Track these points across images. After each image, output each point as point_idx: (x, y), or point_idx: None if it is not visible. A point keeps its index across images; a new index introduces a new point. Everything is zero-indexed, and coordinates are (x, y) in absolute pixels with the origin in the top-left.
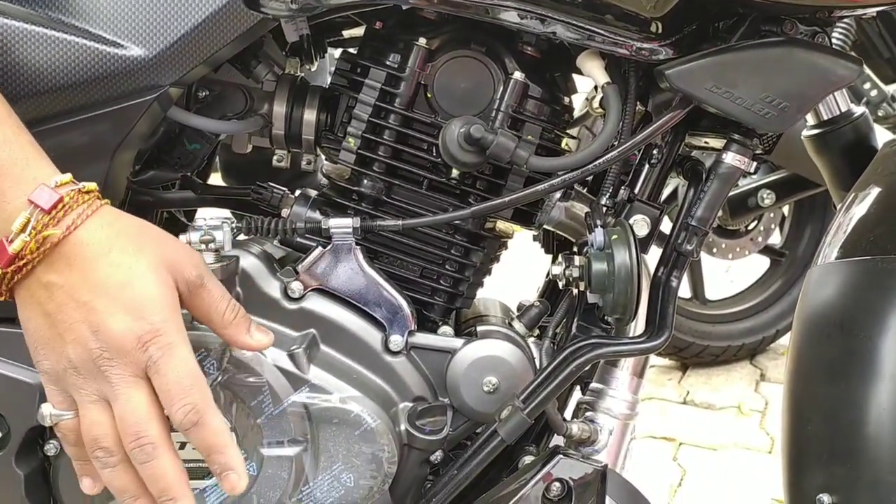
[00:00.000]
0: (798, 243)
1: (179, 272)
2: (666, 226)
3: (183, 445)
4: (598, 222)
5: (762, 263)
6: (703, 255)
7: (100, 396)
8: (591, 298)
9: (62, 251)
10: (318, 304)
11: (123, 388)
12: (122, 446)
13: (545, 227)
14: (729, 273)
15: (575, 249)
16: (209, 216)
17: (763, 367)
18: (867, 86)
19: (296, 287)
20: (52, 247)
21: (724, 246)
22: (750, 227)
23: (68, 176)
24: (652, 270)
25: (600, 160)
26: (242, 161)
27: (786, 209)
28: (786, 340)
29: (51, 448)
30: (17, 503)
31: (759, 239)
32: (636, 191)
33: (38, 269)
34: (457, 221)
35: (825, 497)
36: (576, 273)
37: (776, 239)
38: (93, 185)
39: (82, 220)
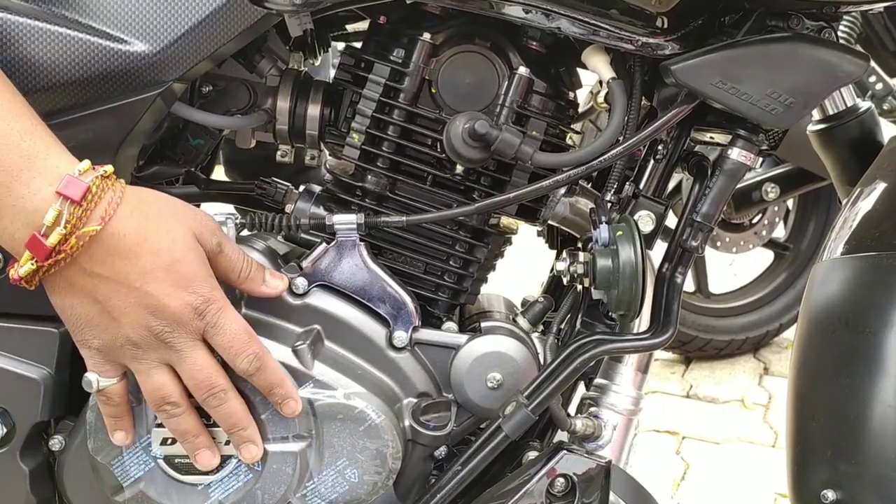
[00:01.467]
0: (802, 237)
1: (204, 240)
2: (670, 220)
3: None
4: (603, 218)
5: (766, 257)
6: (707, 249)
7: (161, 362)
8: (596, 294)
9: (101, 243)
10: (322, 300)
11: (188, 352)
12: (186, 399)
13: (549, 222)
14: (733, 266)
15: (579, 245)
16: (213, 212)
17: (767, 360)
18: (872, 79)
19: (300, 283)
20: (91, 240)
21: (728, 239)
22: (754, 221)
23: (87, 163)
24: (656, 266)
25: (605, 156)
26: (245, 156)
27: (790, 203)
28: (789, 334)
29: (55, 443)
30: (23, 498)
31: (764, 232)
32: (641, 186)
33: (80, 260)
34: (461, 217)
35: (830, 493)
36: (580, 269)
37: (780, 232)
38: (110, 168)
39: (113, 209)
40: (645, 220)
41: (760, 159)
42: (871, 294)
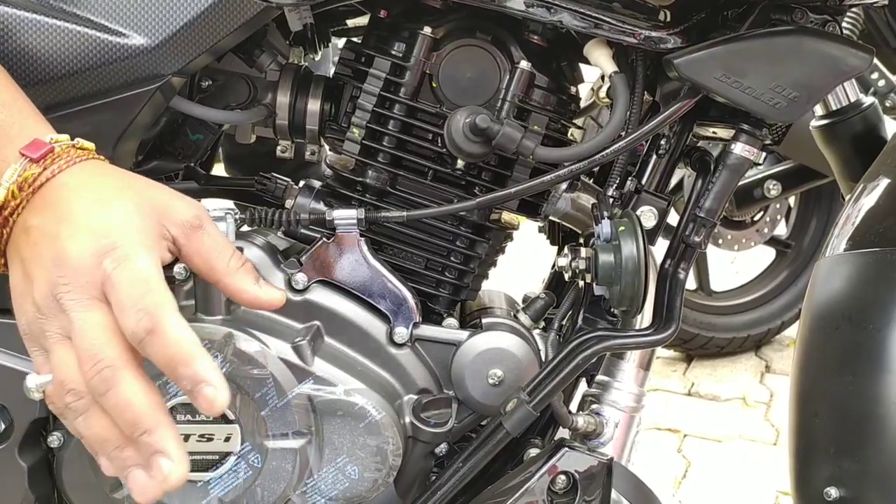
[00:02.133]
0: (804, 234)
1: (170, 216)
2: (672, 218)
3: (187, 438)
4: (605, 213)
5: (767, 255)
6: (709, 246)
7: (63, 334)
8: (598, 290)
9: (44, 194)
10: (323, 296)
11: (79, 313)
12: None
13: (551, 218)
14: (734, 264)
15: (581, 241)
16: (213, 207)
17: (768, 358)
18: (874, 76)
19: (300, 278)
20: (35, 191)
21: (729, 237)
22: (756, 218)
23: (66, 136)
24: (658, 262)
25: (608, 150)
26: (245, 152)
27: (792, 200)
28: (791, 332)
29: (54, 440)
30: (21, 495)
31: (765, 230)
32: (643, 182)
33: (23, 215)
34: (462, 212)
35: (833, 490)
36: (582, 265)
37: (782, 230)
38: (90, 145)
39: (68, 165)
40: (647, 216)
41: (764, 154)
42: (874, 290)
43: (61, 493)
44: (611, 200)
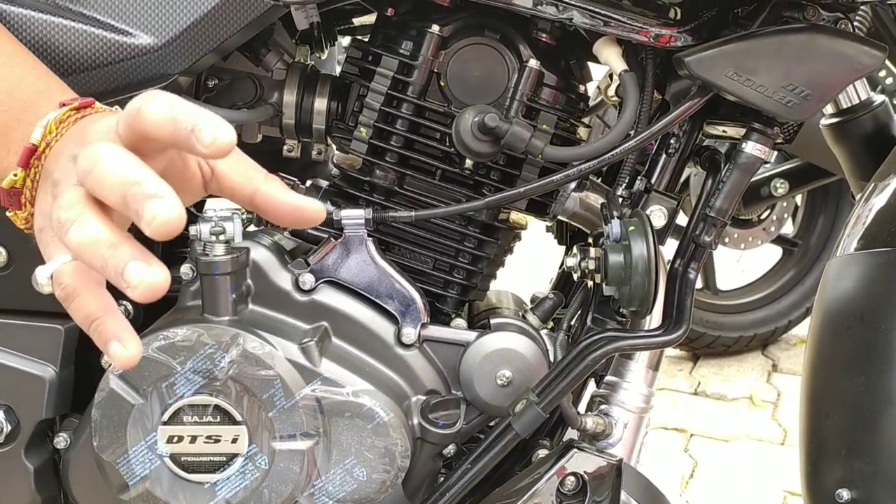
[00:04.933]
0: (811, 233)
1: None
2: (680, 218)
3: (194, 440)
4: (615, 213)
5: (773, 254)
6: (717, 249)
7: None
8: (607, 291)
9: (78, 125)
10: (330, 297)
11: (64, 188)
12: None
13: (560, 218)
14: (740, 263)
15: (590, 241)
16: (220, 207)
17: (775, 357)
18: (882, 73)
19: (307, 279)
20: (70, 125)
21: (736, 236)
22: (763, 217)
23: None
24: (667, 262)
25: (617, 150)
26: (252, 151)
27: (799, 199)
28: (798, 331)
29: (60, 441)
30: (27, 497)
31: (772, 228)
32: (653, 181)
33: (54, 147)
34: (470, 212)
35: (844, 492)
36: (591, 265)
37: (789, 229)
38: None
39: (104, 107)
40: (657, 215)
41: (775, 153)
42: (886, 290)
43: (68, 494)
44: (620, 200)
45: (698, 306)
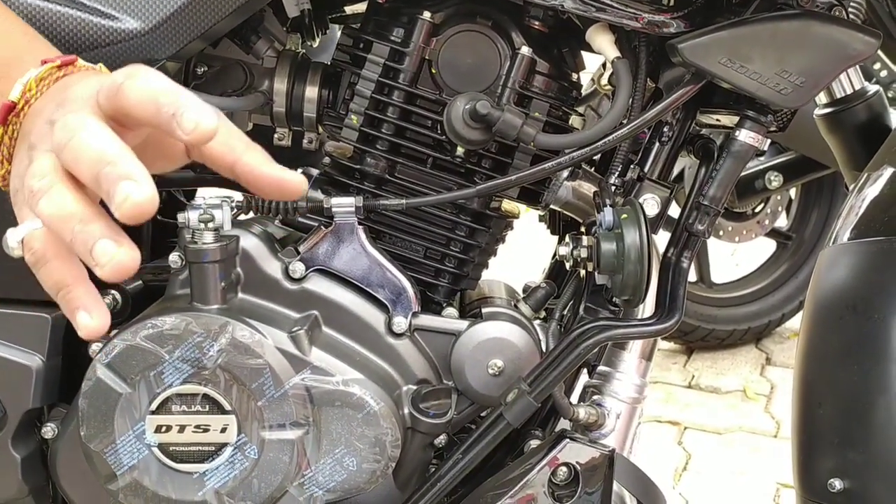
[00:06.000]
0: (805, 226)
1: None
2: (673, 210)
3: (182, 429)
4: (607, 201)
5: (767, 247)
6: (710, 238)
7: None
8: (600, 279)
9: (59, 84)
10: (320, 285)
11: (37, 154)
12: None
13: (552, 207)
14: (734, 256)
15: (583, 230)
16: (209, 195)
17: (769, 350)
18: (877, 66)
19: (297, 267)
20: (49, 85)
21: (730, 229)
22: (757, 210)
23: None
24: (660, 253)
25: (610, 137)
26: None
27: (793, 192)
28: (791, 324)
29: (48, 431)
30: (14, 486)
31: (766, 222)
32: (646, 169)
33: (33, 105)
34: (462, 201)
35: (837, 482)
36: (584, 253)
37: (783, 222)
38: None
39: (85, 67)
40: (650, 204)
41: (768, 141)
42: (880, 279)
43: (55, 484)
44: (613, 188)
45: (692, 299)
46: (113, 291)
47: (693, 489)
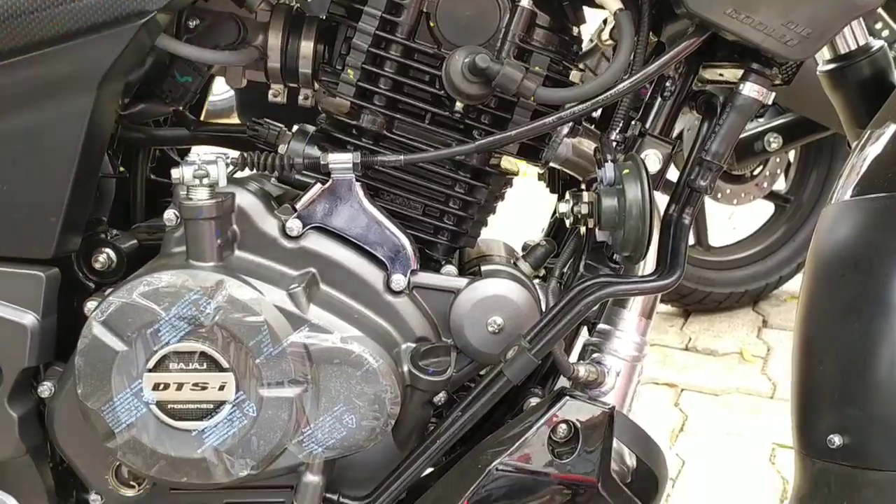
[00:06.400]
0: (803, 189)
1: None
2: (671, 174)
3: (180, 387)
4: (609, 157)
5: (765, 211)
6: (708, 201)
7: None
8: (601, 236)
9: None
10: (318, 243)
11: None
12: None
13: (551, 165)
14: (732, 220)
15: (583, 187)
16: (204, 152)
17: (766, 313)
18: (878, 25)
19: (294, 225)
20: None
21: (728, 191)
22: (755, 173)
23: None
24: (660, 210)
25: (612, 91)
26: (260, 100)
27: (791, 154)
28: (788, 287)
29: (45, 390)
30: (12, 445)
31: (765, 184)
32: (647, 125)
33: None
34: (461, 157)
35: (836, 437)
36: (585, 210)
37: (781, 185)
38: None
39: None
40: (652, 160)
41: (773, 94)
42: (882, 236)
43: (53, 443)
44: (614, 144)
45: (689, 262)
46: (107, 250)
47: (689, 450)
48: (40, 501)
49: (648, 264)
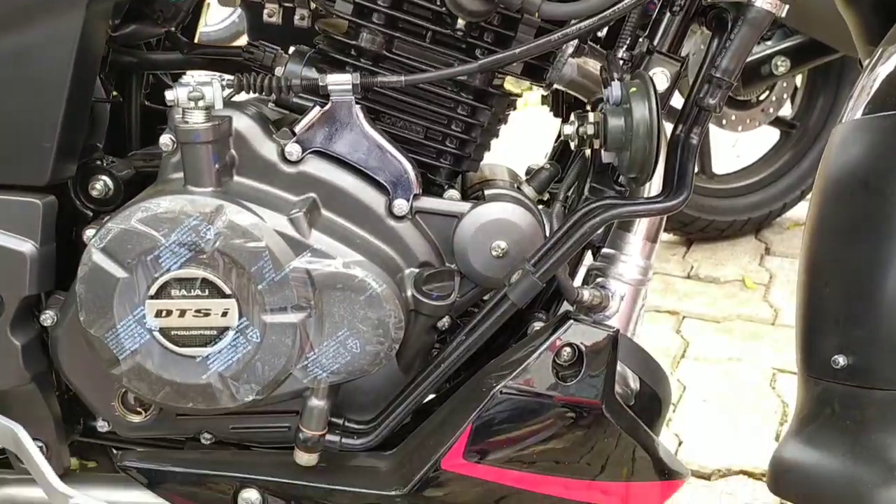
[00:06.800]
0: (810, 115)
1: None
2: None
3: (183, 314)
4: (615, 75)
5: (769, 138)
6: (712, 127)
7: None
8: (606, 158)
9: None
10: (318, 168)
11: None
12: None
13: (556, 86)
14: (736, 147)
15: (588, 108)
16: (198, 73)
17: (768, 241)
18: None
19: (293, 149)
20: None
21: (734, 118)
22: (761, 98)
23: None
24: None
25: (619, 6)
26: (270, 24)
27: (798, 79)
28: (792, 214)
29: (47, 318)
30: (16, 374)
31: (771, 110)
32: (655, 42)
33: None
34: (463, 77)
35: (840, 358)
36: (590, 130)
37: (787, 110)
38: None
39: None
40: (659, 78)
41: (787, 7)
42: (893, 154)
43: (59, 371)
44: (621, 63)
45: (694, 191)
46: (103, 177)
47: (690, 375)
48: (48, 429)
49: (654, 187)
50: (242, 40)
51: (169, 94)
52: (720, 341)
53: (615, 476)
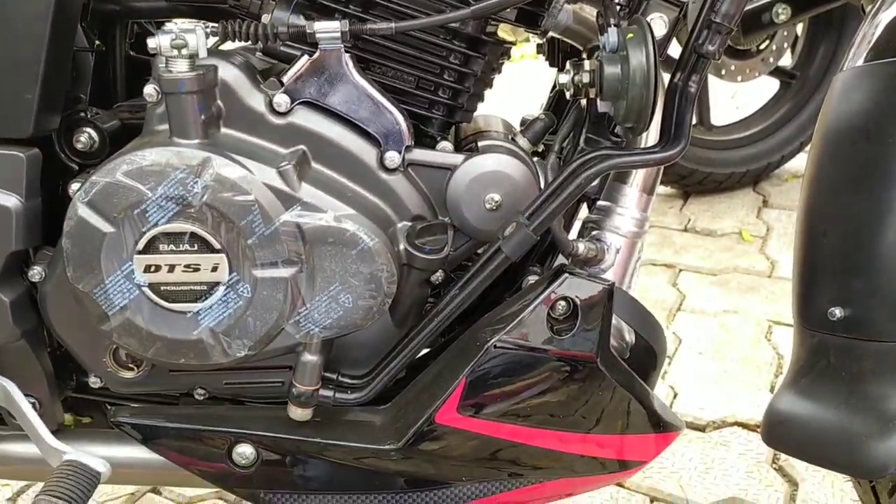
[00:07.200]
0: (810, 65)
1: None
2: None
3: (172, 269)
4: (612, 21)
5: (768, 90)
6: (711, 78)
7: None
8: (602, 107)
9: None
10: (307, 119)
11: None
12: None
13: (551, 33)
14: (735, 99)
15: (584, 56)
16: (181, 21)
17: (766, 193)
18: None
19: (281, 100)
20: None
21: (733, 68)
22: (761, 47)
23: None
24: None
25: None
26: None
27: (799, 28)
28: (790, 165)
29: (35, 274)
30: (6, 330)
31: (771, 59)
32: None
33: None
34: (455, 24)
35: (837, 310)
36: (586, 79)
37: (787, 60)
38: None
39: None
40: (657, 24)
41: None
42: (895, 101)
43: (49, 327)
44: (618, 8)
45: (692, 143)
46: (88, 129)
47: (686, 328)
48: (40, 385)
49: (651, 137)
50: None
51: (151, 42)
52: (716, 294)
53: (610, 429)
